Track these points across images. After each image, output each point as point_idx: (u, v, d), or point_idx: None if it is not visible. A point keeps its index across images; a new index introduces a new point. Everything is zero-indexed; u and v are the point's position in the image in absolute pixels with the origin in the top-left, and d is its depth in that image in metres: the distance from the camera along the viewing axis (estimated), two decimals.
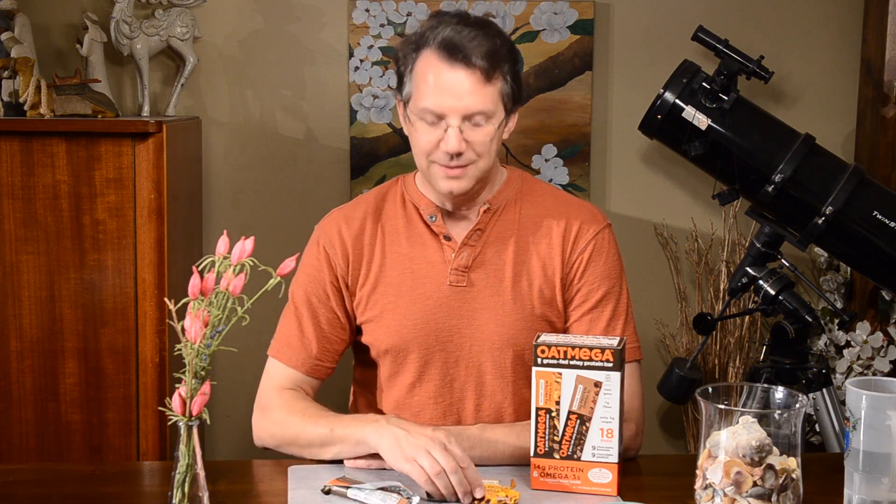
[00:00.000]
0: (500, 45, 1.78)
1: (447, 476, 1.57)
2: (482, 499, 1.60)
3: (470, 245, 1.85)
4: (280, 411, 1.82)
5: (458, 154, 1.75)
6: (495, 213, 1.87)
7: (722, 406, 1.40)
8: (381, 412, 1.90)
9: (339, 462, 1.75)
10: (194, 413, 1.34)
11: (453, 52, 1.74)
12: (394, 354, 1.87)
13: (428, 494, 1.60)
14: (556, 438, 1.64)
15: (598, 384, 1.61)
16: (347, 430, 1.71)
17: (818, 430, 2.43)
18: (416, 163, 1.85)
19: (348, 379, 2.02)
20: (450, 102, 1.74)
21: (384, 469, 1.70)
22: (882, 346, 2.77)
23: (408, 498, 1.57)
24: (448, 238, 1.86)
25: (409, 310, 1.85)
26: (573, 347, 1.61)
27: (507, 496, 1.60)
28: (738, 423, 1.38)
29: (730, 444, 1.37)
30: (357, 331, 1.92)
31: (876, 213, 2.30)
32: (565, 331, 1.87)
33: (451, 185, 1.79)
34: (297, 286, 1.90)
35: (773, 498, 1.36)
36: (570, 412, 1.63)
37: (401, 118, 1.88)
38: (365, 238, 1.89)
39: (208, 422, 1.35)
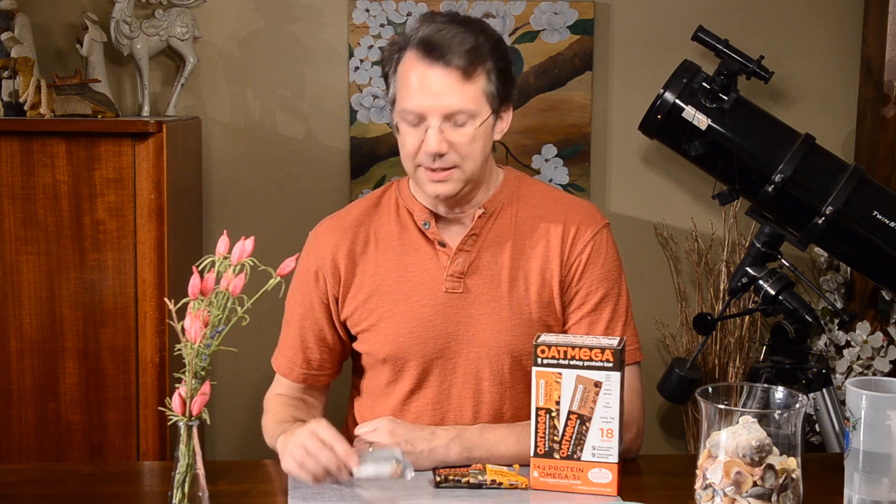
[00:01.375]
0: (483, 43, 1.75)
1: (315, 457, 1.60)
2: (494, 481, 1.64)
3: (465, 251, 1.83)
4: (266, 415, 1.91)
5: (440, 155, 1.73)
6: (491, 217, 1.85)
7: (722, 406, 1.40)
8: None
9: None
10: (194, 413, 1.34)
11: (430, 51, 1.73)
12: (391, 363, 1.86)
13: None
14: (556, 438, 1.64)
15: (598, 384, 1.61)
16: (280, 439, 1.73)
17: (818, 430, 2.43)
18: (404, 167, 1.83)
19: (347, 383, 2.01)
20: (428, 102, 1.72)
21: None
22: (882, 346, 2.77)
23: (402, 465, 1.59)
24: (443, 244, 1.84)
25: (406, 318, 1.84)
26: (573, 347, 1.61)
27: (517, 480, 1.64)
28: (738, 423, 1.38)
29: (730, 444, 1.37)
30: (351, 339, 1.92)
31: (876, 213, 2.30)
32: (564, 333, 1.87)
33: (437, 189, 1.77)
34: (290, 296, 1.92)
35: (773, 498, 1.36)
36: (570, 412, 1.63)
37: (394, 125, 1.87)
38: (357, 246, 1.87)
39: (208, 422, 1.35)
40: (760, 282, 2.31)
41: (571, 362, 1.62)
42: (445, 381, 1.85)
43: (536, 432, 1.64)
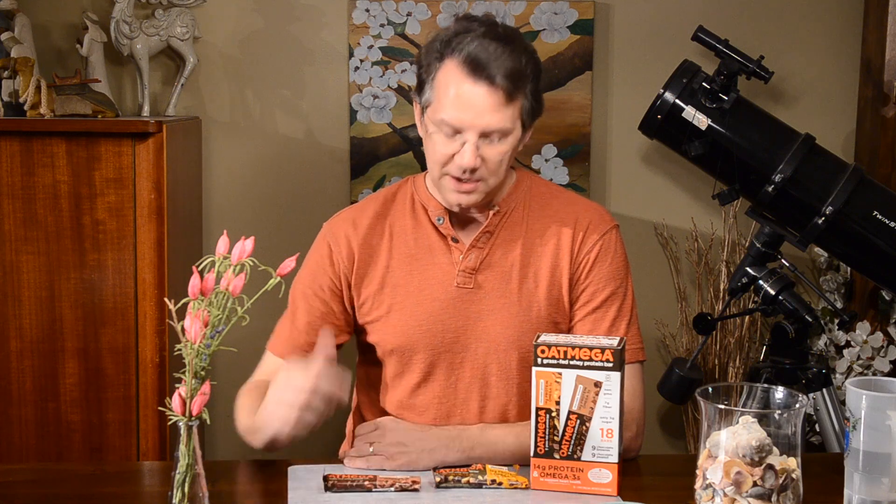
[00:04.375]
0: (525, 64, 1.77)
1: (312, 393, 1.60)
2: (494, 481, 1.64)
3: (478, 247, 1.86)
4: (242, 397, 1.86)
5: (473, 170, 1.76)
6: (504, 216, 1.87)
7: (722, 406, 1.40)
8: (384, 412, 1.90)
9: (340, 461, 1.76)
10: (194, 413, 1.34)
11: (477, 69, 1.73)
12: (399, 355, 1.87)
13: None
14: (556, 438, 1.64)
15: (598, 384, 1.61)
16: (259, 414, 1.71)
17: (818, 430, 2.43)
18: (428, 168, 1.85)
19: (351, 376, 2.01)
20: (469, 118, 1.74)
21: (384, 469, 1.71)
22: (882, 346, 2.77)
23: None
24: (456, 240, 1.86)
25: (416, 311, 1.85)
26: (573, 347, 1.61)
27: (517, 480, 1.65)
28: (738, 423, 1.38)
29: (730, 444, 1.37)
30: (359, 331, 1.92)
31: (876, 213, 2.30)
32: (569, 330, 1.88)
33: (459, 199, 1.80)
34: (297, 281, 1.92)
35: (773, 498, 1.36)
36: (570, 412, 1.63)
37: (417, 121, 1.88)
38: (373, 238, 1.89)
39: (208, 422, 1.35)
40: (760, 282, 2.31)
41: (571, 362, 1.62)
42: (452, 375, 1.86)
43: (536, 432, 1.65)
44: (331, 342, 1.68)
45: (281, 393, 1.65)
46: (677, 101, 2.34)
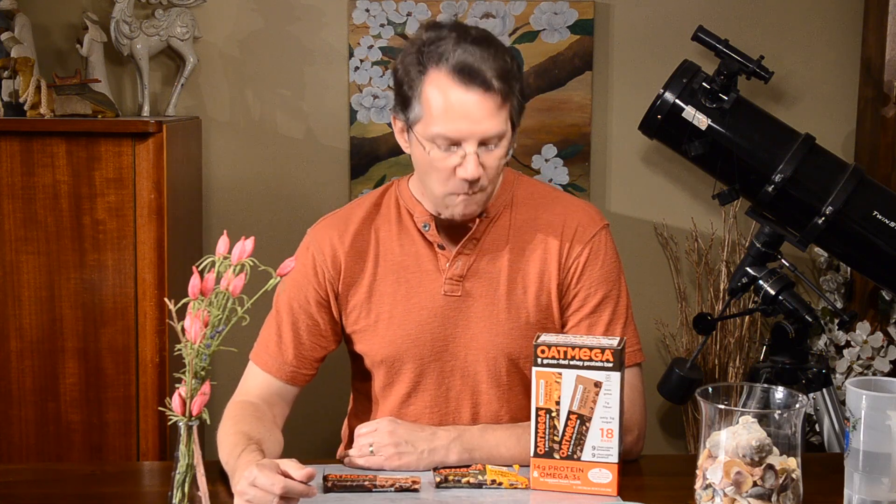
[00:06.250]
0: (511, 62, 1.73)
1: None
2: (494, 481, 1.64)
3: (464, 254, 1.82)
4: (226, 422, 1.77)
5: (477, 180, 1.71)
6: (490, 221, 1.84)
7: (722, 406, 1.40)
8: None
9: (339, 463, 1.76)
10: (194, 413, 1.34)
11: (469, 76, 1.68)
12: (388, 365, 1.85)
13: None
14: (556, 438, 1.64)
15: (598, 384, 1.61)
16: (234, 466, 1.62)
17: (818, 430, 2.43)
18: (426, 187, 1.79)
19: (347, 381, 2.01)
20: (466, 127, 1.68)
21: (384, 469, 1.71)
22: (882, 346, 2.77)
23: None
24: (442, 247, 1.83)
25: (404, 320, 1.83)
26: (573, 347, 1.61)
27: (517, 480, 1.65)
28: (738, 423, 1.38)
29: (730, 444, 1.37)
30: (347, 339, 1.89)
31: (876, 213, 2.29)
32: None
33: (465, 211, 1.75)
34: (281, 290, 1.86)
35: (773, 498, 1.36)
36: (570, 412, 1.63)
37: (399, 137, 1.81)
38: (360, 245, 1.86)
39: (208, 422, 1.36)
40: (760, 282, 2.31)
41: (571, 362, 1.62)
42: (443, 384, 1.85)
43: (536, 432, 1.64)
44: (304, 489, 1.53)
45: (245, 488, 1.52)
46: (677, 101, 2.34)
